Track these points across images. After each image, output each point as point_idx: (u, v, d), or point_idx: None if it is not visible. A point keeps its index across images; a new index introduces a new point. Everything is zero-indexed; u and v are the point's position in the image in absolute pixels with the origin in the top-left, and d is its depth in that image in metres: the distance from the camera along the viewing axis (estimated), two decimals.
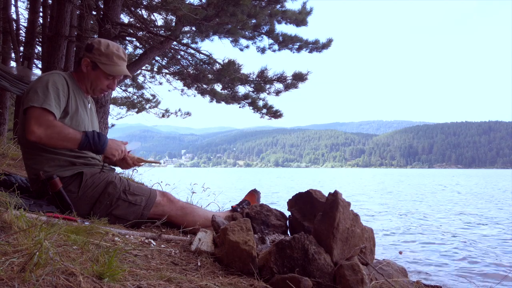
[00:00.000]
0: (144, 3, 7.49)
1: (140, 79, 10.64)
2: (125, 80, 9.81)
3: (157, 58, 8.47)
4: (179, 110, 10.96)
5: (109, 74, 2.17)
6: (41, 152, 2.03)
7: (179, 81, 8.99)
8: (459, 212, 9.66)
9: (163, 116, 11.21)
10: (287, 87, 7.54)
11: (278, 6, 7.22)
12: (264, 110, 8.12)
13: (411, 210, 10.25)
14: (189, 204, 2.35)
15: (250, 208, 2.22)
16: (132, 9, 7.14)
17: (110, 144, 2.04)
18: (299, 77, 7.35)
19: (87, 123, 2.20)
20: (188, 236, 2.02)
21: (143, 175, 5.61)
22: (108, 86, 2.23)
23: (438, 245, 5.23)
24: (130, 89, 11.13)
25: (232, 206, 2.55)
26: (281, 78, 7.44)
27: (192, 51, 7.86)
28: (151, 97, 11.02)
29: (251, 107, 8.11)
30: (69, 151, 2.07)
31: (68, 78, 2.13)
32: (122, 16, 6.76)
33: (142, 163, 2.37)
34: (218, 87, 8.25)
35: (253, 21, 6.74)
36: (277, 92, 7.67)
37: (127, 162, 2.27)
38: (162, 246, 1.73)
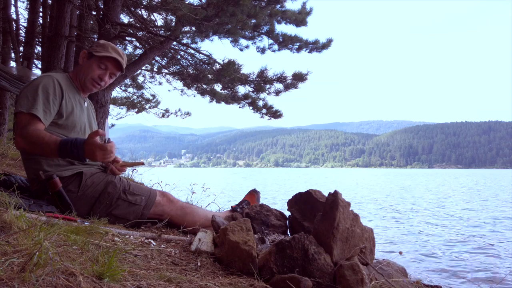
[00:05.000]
0: (144, 3, 7.48)
1: (140, 79, 10.64)
2: (125, 80, 9.81)
3: (157, 58, 8.46)
4: (179, 110, 10.95)
5: (100, 58, 2.18)
6: (34, 154, 2.03)
7: (179, 81, 8.99)
8: (459, 212, 9.66)
9: (163, 116, 11.20)
10: (287, 87, 7.53)
11: (278, 6, 7.21)
12: (264, 110, 8.12)
13: (411, 210, 10.25)
14: (189, 204, 2.35)
15: (250, 208, 2.22)
16: (132, 9, 7.13)
17: (86, 147, 1.83)
18: (299, 77, 7.35)
19: (84, 122, 2.21)
20: (188, 236, 2.02)
21: (143, 175, 5.62)
22: (100, 77, 2.20)
23: (438, 245, 5.23)
24: (130, 89, 11.12)
25: (232, 206, 2.55)
26: (281, 78, 7.43)
27: (192, 51, 7.86)
28: (151, 97, 11.01)
29: (251, 107, 8.10)
30: None
31: (62, 80, 2.13)
32: (122, 16, 6.76)
33: (126, 168, 2.37)
34: (218, 87, 8.25)
35: (253, 21, 6.73)
36: (277, 92, 7.67)
37: (114, 172, 2.22)
38: (162, 246, 1.72)
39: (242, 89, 7.99)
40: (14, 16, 8.37)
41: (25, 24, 8.47)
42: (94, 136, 1.82)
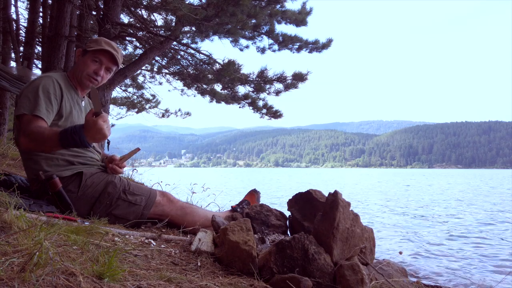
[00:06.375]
0: (144, 3, 7.49)
1: (140, 79, 10.64)
2: (125, 80, 9.81)
3: (157, 58, 8.46)
4: (179, 110, 10.96)
5: (94, 53, 2.17)
6: (39, 152, 2.03)
7: (179, 81, 8.99)
8: (458, 212, 9.66)
9: (163, 116, 11.20)
10: (287, 87, 7.54)
11: (278, 6, 7.22)
12: (264, 110, 8.13)
13: (409, 209, 10.25)
14: (189, 204, 2.35)
15: (250, 208, 2.22)
16: (132, 9, 7.13)
17: (87, 128, 1.76)
18: (299, 77, 7.36)
19: (82, 122, 2.21)
20: (188, 236, 2.02)
21: (143, 175, 5.61)
22: (95, 71, 2.19)
23: (438, 245, 5.23)
24: (130, 89, 11.13)
25: (232, 206, 2.55)
26: (281, 78, 7.44)
27: (192, 51, 7.86)
28: (151, 97, 11.01)
29: (251, 107, 8.11)
30: (66, 150, 2.06)
31: (61, 80, 2.14)
32: (122, 16, 6.76)
33: (125, 160, 2.35)
34: (218, 87, 8.26)
35: (253, 21, 6.74)
36: (277, 92, 7.67)
37: (116, 170, 2.21)
38: (162, 246, 1.72)
39: (242, 89, 8.01)
40: (14, 16, 8.37)
41: (25, 24, 8.47)
42: (90, 115, 1.74)
